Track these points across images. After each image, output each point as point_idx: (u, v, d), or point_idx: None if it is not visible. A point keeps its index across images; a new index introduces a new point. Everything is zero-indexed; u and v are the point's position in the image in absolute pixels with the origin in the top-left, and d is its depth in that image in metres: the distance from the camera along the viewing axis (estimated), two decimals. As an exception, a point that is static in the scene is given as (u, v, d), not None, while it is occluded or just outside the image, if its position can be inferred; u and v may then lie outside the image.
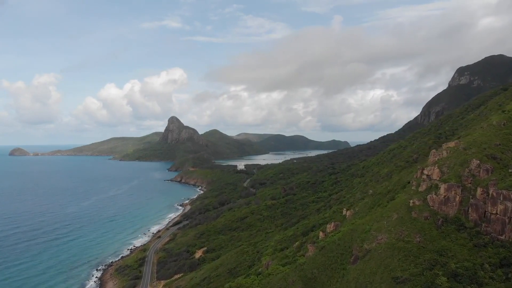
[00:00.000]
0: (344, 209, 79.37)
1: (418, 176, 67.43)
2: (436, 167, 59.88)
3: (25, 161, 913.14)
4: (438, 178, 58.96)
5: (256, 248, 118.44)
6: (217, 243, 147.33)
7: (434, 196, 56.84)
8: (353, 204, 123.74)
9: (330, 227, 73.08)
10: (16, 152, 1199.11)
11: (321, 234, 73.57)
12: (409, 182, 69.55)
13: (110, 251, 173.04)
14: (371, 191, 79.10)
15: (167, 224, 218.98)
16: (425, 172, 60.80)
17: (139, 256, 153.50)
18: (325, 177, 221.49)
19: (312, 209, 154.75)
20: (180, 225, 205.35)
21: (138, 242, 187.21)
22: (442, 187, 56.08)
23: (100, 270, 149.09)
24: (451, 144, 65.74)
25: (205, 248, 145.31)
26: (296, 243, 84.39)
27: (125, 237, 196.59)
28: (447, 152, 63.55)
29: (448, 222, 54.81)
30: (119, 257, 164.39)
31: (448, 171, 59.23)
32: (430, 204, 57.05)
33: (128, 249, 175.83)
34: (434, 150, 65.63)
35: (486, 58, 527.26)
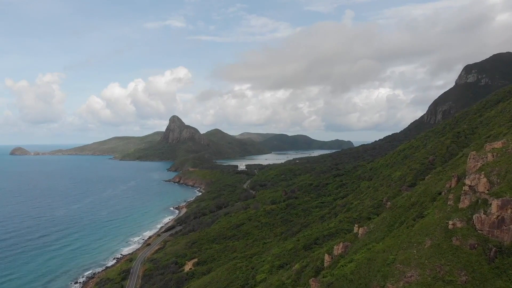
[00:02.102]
0: (356, 225, 64.07)
1: (452, 185, 52.20)
2: (483, 175, 44.64)
3: (25, 160, 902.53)
4: (486, 191, 43.73)
5: (251, 263, 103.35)
6: (209, 253, 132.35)
7: (482, 215, 41.61)
8: (361, 212, 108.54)
9: (338, 248, 57.96)
10: (16, 151, 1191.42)
11: (326, 257, 58.48)
12: (440, 193, 54.18)
13: (94, 261, 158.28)
14: (389, 203, 63.83)
15: (159, 229, 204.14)
16: (467, 182, 45.49)
17: (124, 268, 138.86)
18: (329, 179, 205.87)
19: (315, 216, 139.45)
20: (173, 231, 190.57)
21: (127, 250, 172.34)
22: (494, 203, 40.98)
23: (79, 283, 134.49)
24: (497, 144, 50.52)
25: (195, 260, 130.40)
26: (296, 265, 69.31)
27: (113, 244, 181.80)
28: (493, 155, 48.35)
29: (503, 253, 39.64)
30: (103, 267, 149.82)
31: (498, 180, 44.01)
32: (477, 227, 41.80)
33: (114, 258, 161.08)
34: (474, 152, 50.16)
35: (494, 55, 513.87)
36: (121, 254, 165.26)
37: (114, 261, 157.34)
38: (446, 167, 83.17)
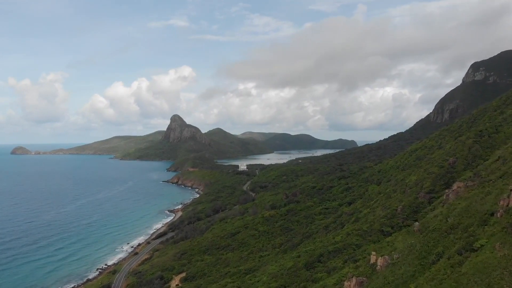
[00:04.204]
0: (373, 253, 49.21)
1: (510, 203, 37.53)
2: None
3: (24, 160, 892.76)
4: None
5: (244, 283, 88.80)
6: (200, 267, 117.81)
7: None
8: (372, 224, 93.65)
9: (349, 285, 43.36)
10: (17, 150, 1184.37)
11: (334, 295, 43.81)
12: (492, 214, 39.32)
13: (76, 272, 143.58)
14: (417, 223, 49.00)
15: (150, 236, 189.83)
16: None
17: (105, 282, 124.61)
18: (334, 181, 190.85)
19: (318, 225, 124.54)
20: (164, 238, 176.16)
21: (112, 259, 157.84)
22: None
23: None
24: None
25: (183, 275, 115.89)
26: (294, 300, 54.63)
27: (99, 252, 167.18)
28: None
29: None
30: (84, 280, 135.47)
31: None
32: None
33: (98, 269, 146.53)
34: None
35: (502, 52, 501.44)
36: (106, 265, 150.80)
37: (97, 272, 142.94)
38: (479, 173, 68.07)
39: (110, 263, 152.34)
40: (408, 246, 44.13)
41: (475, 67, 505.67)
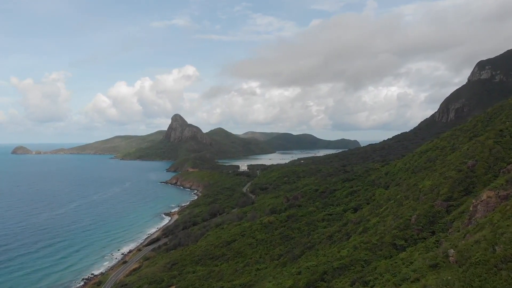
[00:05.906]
0: (393, 286, 38.31)
1: None
2: None
3: (24, 160, 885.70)
4: None
5: (237, 304, 78.03)
6: (191, 280, 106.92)
7: None
8: (383, 236, 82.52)
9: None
10: (18, 150, 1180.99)
11: None
12: None
13: (60, 282, 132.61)
14: (452, 251, 37.99)
15: (143, 241, 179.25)
16: None
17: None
18: (337, 184, 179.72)
19: (321, 234, 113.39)
20: (157, 244, 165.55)
21: (100, 268, 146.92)
22: None
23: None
24: None
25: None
26: None
27: (86, 260, 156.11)
28: None
29: None
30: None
31: None
32: None
33: (83, 279, 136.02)
34: None
35: (508, 51, 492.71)
36: (92, 274, 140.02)
37: (82, 283, 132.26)
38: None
39: (97, 272, 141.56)
40: (442, 283, 33.17)
41: (481, 65, 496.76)
